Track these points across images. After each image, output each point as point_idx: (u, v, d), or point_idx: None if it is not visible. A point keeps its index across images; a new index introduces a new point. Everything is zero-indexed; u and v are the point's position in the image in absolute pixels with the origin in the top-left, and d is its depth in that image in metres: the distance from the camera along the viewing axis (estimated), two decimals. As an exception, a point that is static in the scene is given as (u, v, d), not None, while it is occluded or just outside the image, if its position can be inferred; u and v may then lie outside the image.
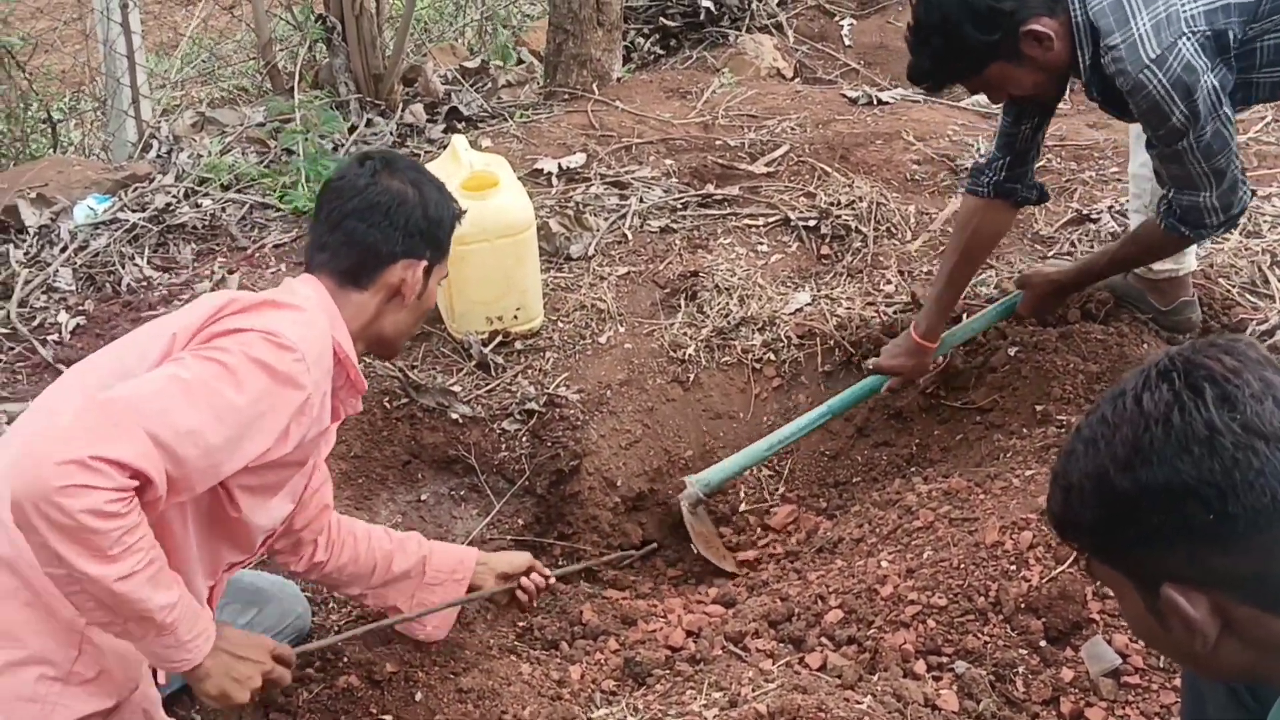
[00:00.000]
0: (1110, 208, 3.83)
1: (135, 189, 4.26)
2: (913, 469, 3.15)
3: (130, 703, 2.02)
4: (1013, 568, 2.43)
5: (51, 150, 4.91)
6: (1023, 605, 2.39)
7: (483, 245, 3.32)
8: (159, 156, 4.75)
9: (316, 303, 2.08)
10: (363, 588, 2.56)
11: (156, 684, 2.16)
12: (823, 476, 3.39)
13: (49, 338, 3.48)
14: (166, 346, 1.91)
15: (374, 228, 2.13)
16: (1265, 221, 3.69)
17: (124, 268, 3.80)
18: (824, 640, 2.57)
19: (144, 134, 4.96)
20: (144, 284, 3.75)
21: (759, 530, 3.33)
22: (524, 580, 2.70)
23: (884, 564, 2.69)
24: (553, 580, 2.76)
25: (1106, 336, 3.06)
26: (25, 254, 3.96)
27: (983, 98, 5.09)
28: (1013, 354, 3.10)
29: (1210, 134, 2.52)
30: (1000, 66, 2.57)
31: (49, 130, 4.90)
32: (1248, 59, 2.55)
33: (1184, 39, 2.44)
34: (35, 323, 3.57)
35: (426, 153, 4.60)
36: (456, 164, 3.47)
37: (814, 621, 2.64)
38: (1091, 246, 3.68)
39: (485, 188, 3.37)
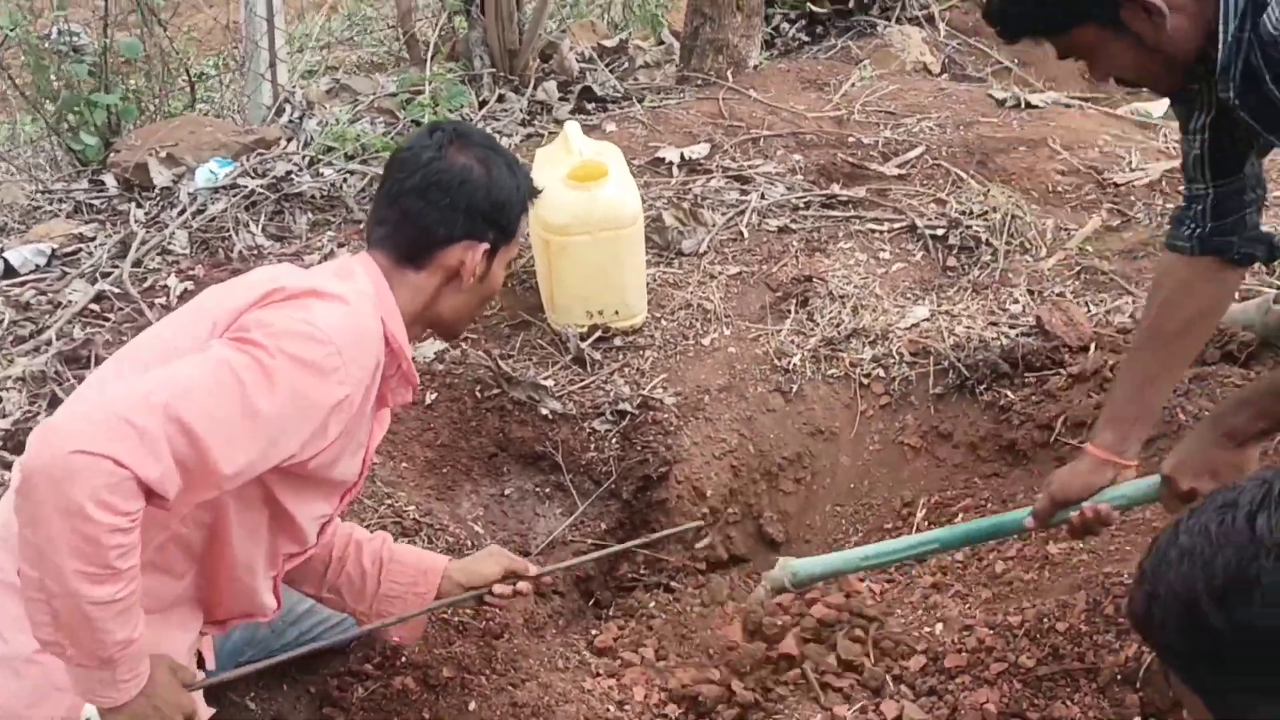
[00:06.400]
0: (1269, 237, 3.52)
1: (258, 155, 4.27)
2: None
3: None
4: (1109, 635, 2.23)
5: (191, 109, 4.98)
6: (1119, 676, 2.20)
7: (584, 238, 3.22)
8: (290, 122, 4.78)
9: (368, 288, 1.97)
10: (314, 590, 2.37)
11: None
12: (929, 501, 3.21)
13: (157, 300, 3.51)
14: (208, 332, 1.84)
15: (433, 206, 2.00)
16: None
17: (237, 234, 3.82)
18: (904, 688, 2.42)
19: (278, 98, 5.00)
20: (255, 252, 3.76)
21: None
22: (497, 588, 2.36)
23: (975, 612, 2.51)
24: (525, 587, 2.40)
25: (1245, 382, 2.80)
26: (146, 214, 4.01)
27: (1147, 105, 4.86)
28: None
29: None
30: (1092, 30, 1.93)
31: (187, 89, 4.96)
32: None
33: None
34: (146, 284, 3.61)
35: (551, 132, 4.52)
36: (567, 151, 3.37)
37: (898, 668, 2.49)
38: (1244, 278, 3.39)
39: (593, 178, 3.26)
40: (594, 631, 2.89)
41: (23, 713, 1.83)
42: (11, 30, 4.41)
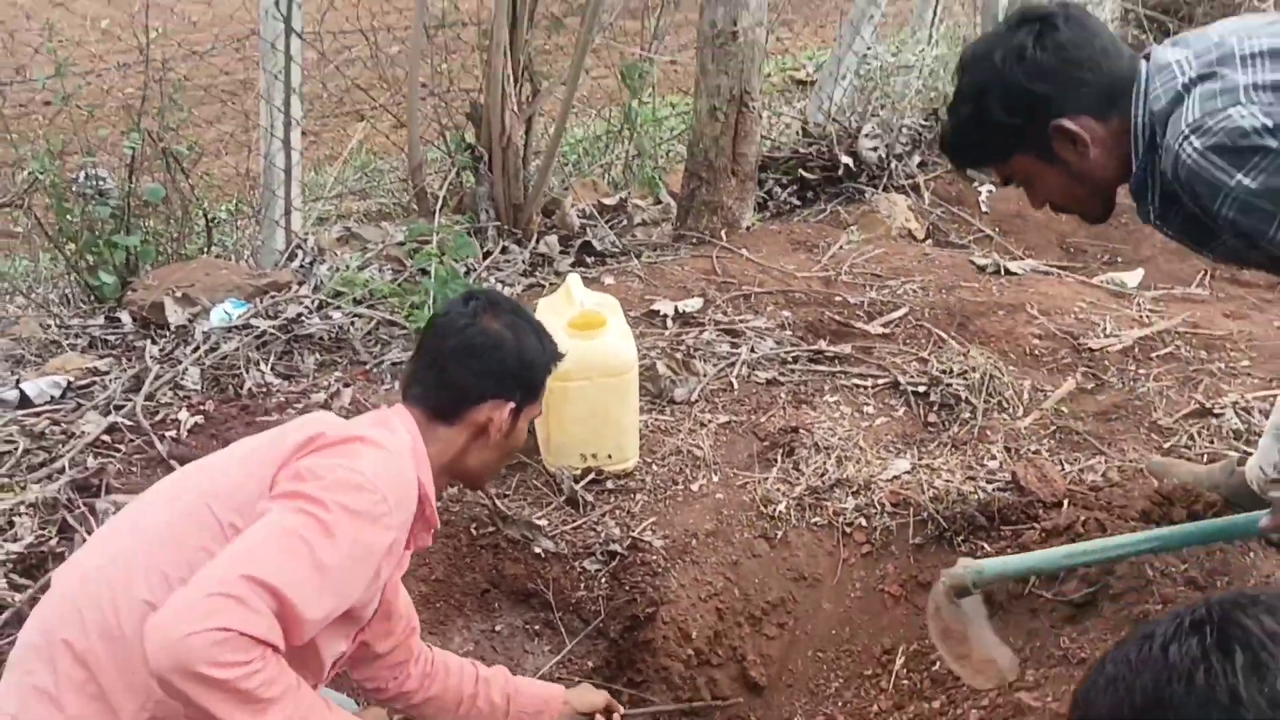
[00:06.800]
0: (1235, 403, 3.69)
1: (270, 297, 4.46)
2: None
3: None
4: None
5: (205, 251, 5.19)
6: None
7: (584, 384, 3.37)
8: (302, 266, 4.98)
9: (406, 439, 2.13)
10: None
11: None
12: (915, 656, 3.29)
13: (167, 434, 3.63)
14: (258, 490, 1.98)
15: (467, 369, 2.21)
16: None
17: (247, 372, 3.97)
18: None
19: (291, 244, 5.22)
20: (264, 390, 3.90)
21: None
22: (598, 718, 2.73)
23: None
24: None
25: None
26: (161, 350, 4.17)
27: (1122, 275, 5.10)
28: (1108, 548, 2.97)
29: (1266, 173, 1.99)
30: (1028, 161, 2.26)
31: (205, 232, 5.18)
32: None
33: (1238, 106, 2.04)
34: (157, 417, 3.74)
35: (552, 284, 4.72)
36: (568, 301, 3.55)
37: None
38: (1211, 442, 3.55)
39: (593, 327, 3.43)
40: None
41: None
42: (40, 174, 4.63)
